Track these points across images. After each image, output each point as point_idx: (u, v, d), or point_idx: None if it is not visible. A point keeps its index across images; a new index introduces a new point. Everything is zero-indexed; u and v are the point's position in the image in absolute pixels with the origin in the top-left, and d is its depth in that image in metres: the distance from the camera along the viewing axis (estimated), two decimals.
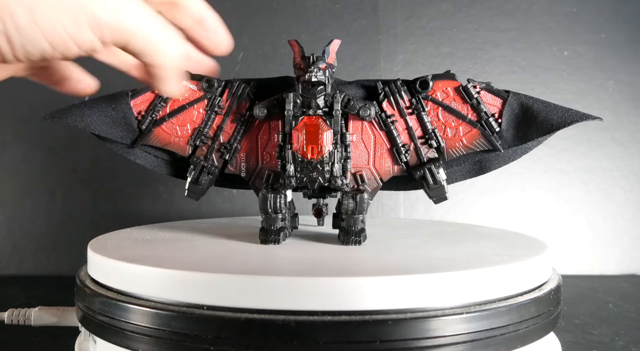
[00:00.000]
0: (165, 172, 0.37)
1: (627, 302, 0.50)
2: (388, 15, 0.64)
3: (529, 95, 0.33)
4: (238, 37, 0.63)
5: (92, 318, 0.28)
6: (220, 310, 0.24)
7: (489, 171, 0.35)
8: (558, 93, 0.63)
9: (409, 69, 0.63)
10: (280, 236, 0.32)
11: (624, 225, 0.64)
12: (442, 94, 0.34)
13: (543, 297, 0.28)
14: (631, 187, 0.64)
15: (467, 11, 0.64)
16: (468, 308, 0.25)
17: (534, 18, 0.64)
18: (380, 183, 0.34)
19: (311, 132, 0.32)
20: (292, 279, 0.24)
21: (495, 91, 0.33)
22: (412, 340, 0.24)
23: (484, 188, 0.63)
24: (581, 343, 0.39)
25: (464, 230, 0.41)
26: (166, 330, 0.25)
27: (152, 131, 0.35)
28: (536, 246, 0.33)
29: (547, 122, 0.32)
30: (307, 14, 0.63)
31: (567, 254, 0.63)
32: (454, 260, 0.29)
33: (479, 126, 0.33)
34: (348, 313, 0.24)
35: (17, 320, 0.36)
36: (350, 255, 0.30)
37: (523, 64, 0.64)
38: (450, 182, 0.35)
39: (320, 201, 0.38)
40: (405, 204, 0.64)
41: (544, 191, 0.64)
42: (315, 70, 0.32)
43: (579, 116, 0.32)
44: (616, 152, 0.64)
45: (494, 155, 0.34)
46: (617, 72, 0.64)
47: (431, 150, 0.34)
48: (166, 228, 0.39)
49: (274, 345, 0.23)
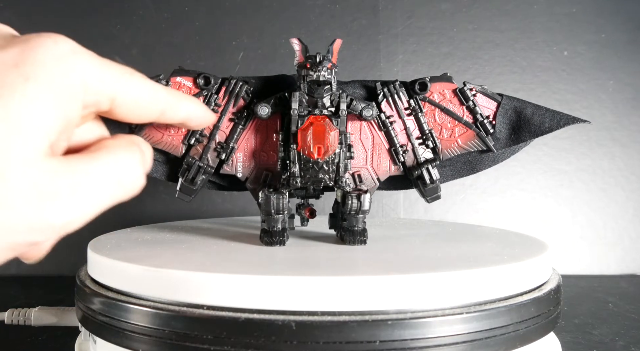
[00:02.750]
0: (157, 174, 0.35)
1: (627, 302, 0.50)
2: (388, 15, 0.64)
3: (521, 99, 0.34)
4: (238, 37, 0.64)
5: (92, 318, 0.28)
6: (220, 310, 0.24)
7: (479, 171, 0.36)
8: (558, 93, 0.64)
9: (409, 69, 0.63)
10: (285, 237, 0.32)
11: (624, 225, 0.64)
12: (439, 96, 0.34)
13: (543, 297, 0.28)
14: (631, 187, 0.64)
15: (467, 11, 0.64)
16: (468, 308, 0.25)
17: (534, 18, 0.64)
18: (378, 183, 0.35)
19: (318, 132, 0.32)
20: (292, 279, 0.24)
21: (489, 94, 0.34)
22: (412, 340, 0.24)
23: (484, 188, 0.63)
24: (581, 343, 0.39)
25: (464, 230, 0.41)
26: (166, 330, 0.25)
27: (143, 129, 0.33)
28: (536, 246, 0.33)
29: (539, 125, 0.33)
30: (307, 14, 0.63)
31: (567, 254, 0.63)
32: (454, 260, 0.29)
33: (474, 127, 0.34)
34: (348, 313, 0.24)
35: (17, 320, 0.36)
36: (350, 255, 0.30)
37: (523, 64, 0.64)
38: (442, 182, 0.35)
39: (307, 202, 0.38)
40: (405, 204, 0.64)
41: (544, 191, 0.64)
42: (323, 69, 0.32)
43: (569, 119, 0.33)
44: (616, 152, 0.64)
45: (485, 156, 0.35)
46: (617, 72, 0.64)
47: (427, 151, 0.34)
48: (166, 228, 0.39)
49: (274, 345, 0.23)
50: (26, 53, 0.21)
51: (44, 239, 0.22)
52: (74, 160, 0.22)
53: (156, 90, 0.26)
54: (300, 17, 0.63)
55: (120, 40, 0.63)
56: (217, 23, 0.63)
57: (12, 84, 0.20)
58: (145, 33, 0.63)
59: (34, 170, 0.20)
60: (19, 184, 0.20)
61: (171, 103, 0.27)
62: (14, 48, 0.21)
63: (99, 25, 0.63)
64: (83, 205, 0.22)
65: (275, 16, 0.63)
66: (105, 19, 0.63)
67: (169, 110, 0.27)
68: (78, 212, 0.22)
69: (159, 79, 0.33)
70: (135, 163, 0.24)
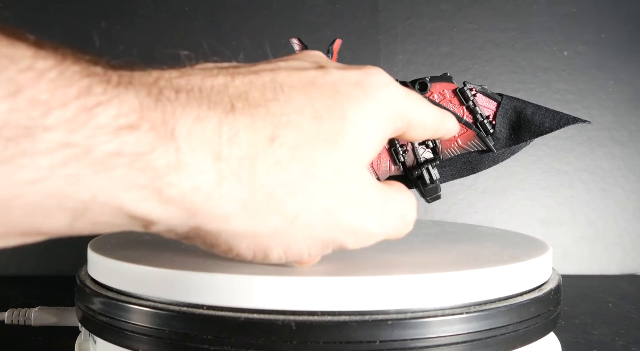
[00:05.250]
0: None
1: (627, 302, 0.50)
2: (388, 15, 0.64)
3: (521, 99, 0.34)
4: (238, 37, 0.63)
5: (92, 318, 0.28)
6: (220, 310, 0.24)
7: (479, 171, 0.35)
8: (558, 93, 0.64)
9: (409, 69, 0.63)
10: None
11: (624, 225, 0.64)
12: (439, 96, 0.34)
13: (543, 297, 0.28)
14: (631, 187, 0.64)
15: (467, 11, 0.64)
16: (468, 308, 0.25)
17: (534, 18, 0.64)
18: None
19: None
20: (293, 279, 0.24)
21: (489, 94, 0.34)
22: (412, 340, 0.24)
23: (484, 188, 0.63)
24: (581, 343, 0.39)
25: (464, 230, 0.41)
26: (166, 330, 0.25)
27: None
28: (536, 246, 0.33)
29: (539, 125, 0.33)
30: (307, 14, 0.63)
31: (567, 254, 0.63)
32: (454, 260, 0.29)
33: (475, 127, 0.34)
34: (348, 313, 0.24)
35: (17, 320, 0.36)
36: (350, 255, 0.30)
37: (523, 64, 0.64)
38: (442, 182, 0.35)
39: None
40: None
41: (544, 191, 0.64)
42: None
43: (570, 119, 0.33)
44: (616, 152, 0.64)
45: (485, 156, 0.35)
46: (617, 72, 0.64)
47: (427, 151, 0.34)
48: None
49: (274, 345, 0.23)
50: (364, 75, 0.24)
51: (352, 245, 0.24)
52: (379, 183, 0.24)
53: (435, 113, 0.27)
54: (300, 17, 0.63)
55: (120, 40, 0.63)
56: (217, 23, 0.63)
57: (356, 97, 0.23)
58: (145, 33, 0.63)
59: (362, 178, 0.23)
60: (350, 185, 0.22)
61: (441, 123, 0.28)
62: (353, 70, 0.24)
63: (99, 25, 0.63)
64: (387, 225, 0.24)
65: (275, 16, 0.63)
66: (105, 19, 0.63)
67: (439, 130, 0.28)
68: (384, 228, 0.24)
69: None
70: (414, 207, 0.26)
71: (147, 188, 0.18)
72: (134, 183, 0.18)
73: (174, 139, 0.18)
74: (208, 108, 0.19)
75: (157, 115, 0.18)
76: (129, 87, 0.18)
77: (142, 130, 0.18)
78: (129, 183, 0.18)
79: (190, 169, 0.18)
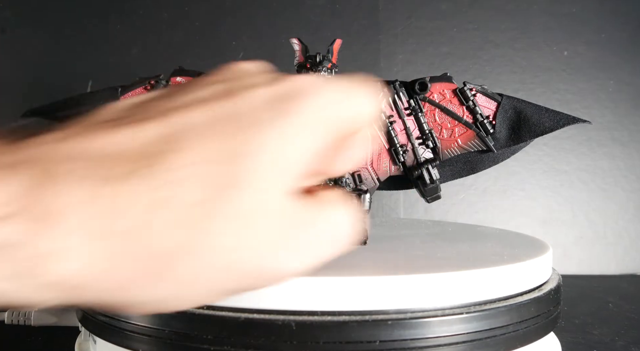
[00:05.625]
0: None
1: (627, 302, 0.50)
2: (388, 15, 0.64)
3: (521, 99, 0.34)
4: (238, 37, 0.63)
5: (92, 318, 0.28)
6: (220, 310, 0.24)
7: (479, 171, 0.35)
8: (558, 93, 0.64)
9: (409, 69, 0.63)
10: None
11: (624, 225, 0.64)
12: (439, 96, 0.34)
13: (543, 297, 0.28)
14: (631, 187, 0.64)
15: (467, 11, 0.64)
16: (468, 308, 0.25)
17: (534, 18, 0.64)
18: (378, 183, 0.35)
19: None
20: (293, 279, 0.24)
21: (489, 94, 0.34)
22: (412, 340, 0.24)
23: (484, 188, 0.63)
24: (581, 343, 0.39)
25: (464, 230, 0.41)
26: (166, 330, 0.25)
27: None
28: (536, 246, 0.33)
29: (539, 125, 0.33)
30: (307, 14, 0.63)
31: (567, 254, 0.63)
32: (454, 260, 0.29)
33: (474, 127, 0.34)
34: (348, 313, 0.24)
35: (17, 320, 0.36)
36: (350, 255, 0.30)
37: (523, 64, 0.64)
38: (442, 182, 0.35)
39: None
40: (405, 204, 0.64)
41: (544, 191, 0.64)
42: (323, 69, 0.32)
43: (569, 119, 0.33)
44: (616, 152, 0.64)
45: (485, 156, 0.35)
46: (617, 72, 0.64)
47: (427, 151, 0.34)
48: None
49: (274, 345, 0.23)
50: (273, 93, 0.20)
51: (261, 286, 0.20)
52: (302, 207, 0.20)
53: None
54: (300, 17, 0.63)
55: (120, 40, 0.63)
56: (217, 23, 0.63)
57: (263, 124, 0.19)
58: (145, 33, 0.63)
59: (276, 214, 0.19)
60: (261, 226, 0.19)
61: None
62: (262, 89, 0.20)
63: (99, 25, 0.63)
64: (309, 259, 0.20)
65: (275, 16, 0.63)
66: (105, 19, 0.63)
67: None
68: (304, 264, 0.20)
69: (159, 79, 0.33)
70: (349, 222, 0.21)
71: (23, 277, 0.17)
72: (8, 275, 0.17)
73: (52, 225, 0.17)
74: (93, 182, 0.17)
75: (34, 201, 0.17)
76: (15, 167, 0.17)
77: (17, 220, 0.16)
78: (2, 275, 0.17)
79: (68, 254, 0.17)
